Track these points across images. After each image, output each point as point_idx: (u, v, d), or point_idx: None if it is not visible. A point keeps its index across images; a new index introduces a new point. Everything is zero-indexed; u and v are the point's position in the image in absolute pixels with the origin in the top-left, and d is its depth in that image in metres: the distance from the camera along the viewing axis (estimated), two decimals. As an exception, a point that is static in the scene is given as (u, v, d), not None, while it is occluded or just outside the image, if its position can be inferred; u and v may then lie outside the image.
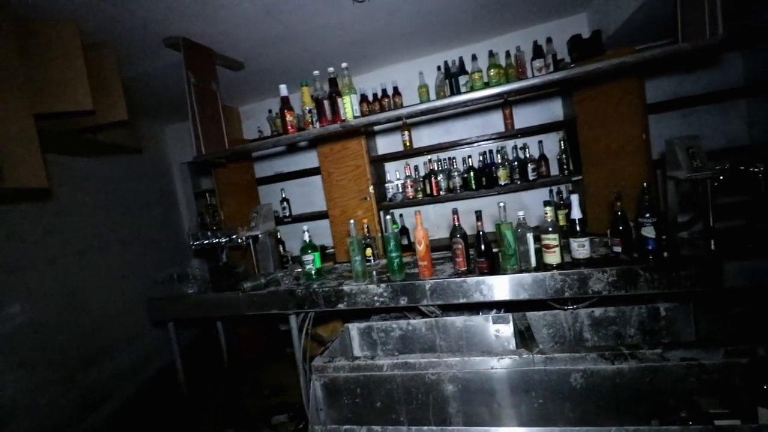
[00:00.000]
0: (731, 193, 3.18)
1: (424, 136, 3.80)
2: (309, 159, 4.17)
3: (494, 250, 1.94)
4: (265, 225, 2.66)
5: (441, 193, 3.45)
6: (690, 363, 1.43)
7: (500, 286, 1.83)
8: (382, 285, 1.99)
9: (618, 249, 1.87)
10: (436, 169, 3.53)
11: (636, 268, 1.69)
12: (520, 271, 1.84)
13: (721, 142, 3.26)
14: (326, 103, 2.15)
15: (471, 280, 1.87)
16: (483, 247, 1.89)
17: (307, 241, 2.35)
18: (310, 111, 2.21)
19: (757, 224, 1.77)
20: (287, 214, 4.10)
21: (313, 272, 2.33)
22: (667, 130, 3.25)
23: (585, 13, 3.34)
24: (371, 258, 2.42)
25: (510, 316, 2.05)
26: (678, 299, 1.90)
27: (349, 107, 2.08)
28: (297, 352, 2.22)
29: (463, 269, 1.98)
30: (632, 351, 1.50)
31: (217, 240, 2.69)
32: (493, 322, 2.10)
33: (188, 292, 2.56)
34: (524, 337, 1.78)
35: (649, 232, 1.73)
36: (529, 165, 3.24)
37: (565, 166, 3.22)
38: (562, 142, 3.25)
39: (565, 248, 1.88)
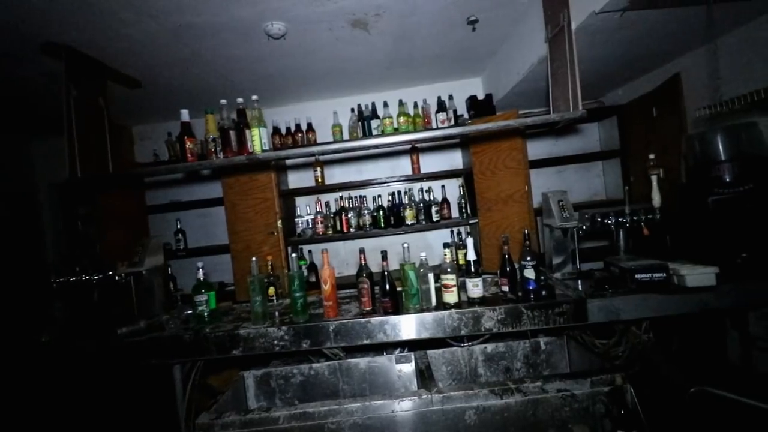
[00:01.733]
0: (592, 239, 3.78)
1: (336, 174, 3.85)
2: (211, 189, 3.90)
3: (398, 289, 1.99)
4: (152, 259, 2.36)
5: (351, 230, 3.47)
6: (564, 394, 1.59)
7: (403, 326, 1.86)
8: (284, 327, 1.88)
9: (506, 288, 2.05)
10: (347, 206, 3.56)
11: (520, 307, 1.86)
12: (422, 311, 1.90)
13: (585, 195, 3.89)
14: (233, 133, 2.06)
15: (375, 320, 1.87)
16: (387, 286, 1.92)
17: (201, 279, 2.14)
18: (214, 140, 2.09)
19: (611, 267, 2.11)
20: (182, 246, 3.72)
21: (206, 314, 2.11)
22: (545, 183, 3.79)
23: (480, 78, 3.82)
24: (274, 298, 2.29)
25: (412, 355, 2.08)
26: (554, 334, 2.13)
27: (257, 140, 2.02)
28: (180, 409, 1.95)
29: (368, 309, 1.97)
30: (517, 385, 1.62)
31: (87, 276, 2.30)
32: (396, 362, 2.10)
33: (41, 339, 2.11)
34: (424, 377, 1.82)
35: (529, 273, 1.94)
36: (433, 207, 3.46)
37: (464, 210, 3.52)
38: (461, 188, 3.57)
39: (462, 287, 2.01)
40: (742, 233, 1.96)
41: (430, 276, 1.95)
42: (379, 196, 3.57)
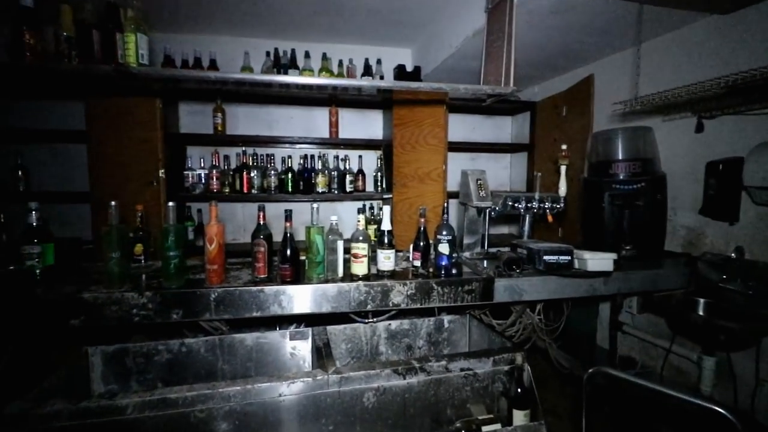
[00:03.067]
0: (498, 224, 3.96)
1: (240, 124, 3.35)
2: (70, 115, 3.05)
3: (302, 258, 1.73)
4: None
5: (253, 191, 3.05)
6: (467, 373, 1.53)
7: (303, 297, 1.62)
8: (148, 293, 1.48)
9: (417, 263, 1.94)
10: (250, 163, 3.12)
11: (431, 282, 1.76)
12: (326, 281, 1.68)
13: (492, 185, 4.03)
14: (96, 34, 1.53)
15: (270, 289, 1.59)
16: (289, 251, 1.65)
17: (34, 224, 1.60)
18: (68, 39, 1.53)
19: (518, 249, 2.14)
20: (21, 188, 2.87)
21: (37, 270, 1.59)
22: (458, 168, 3.81)
23: (410, 49, 3.65)
24: (141, 258, 1.84)
25: (309, 331, 1.85)
26: (457, 312, 2.10)
27: (132, 49, 1.53)
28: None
29: (262, 276, 1.68)
30: (422, 364, 1.50)
31: None
32: (290, 339, 1.85)
33: None
34: (322, 355, 1.60)
35: (444, 248, 1.84)
36: (347, 176, 3.23)
37: (379, 184, 3.35)
38: (379, 160, 3.39)
39: (372, 260, 1.83)
40: (631, 226, 2.15)
41: (340, 243, 1.72)
42: (290, 157, 3.20)
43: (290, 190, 3.12)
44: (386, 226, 1.86)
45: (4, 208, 2.82)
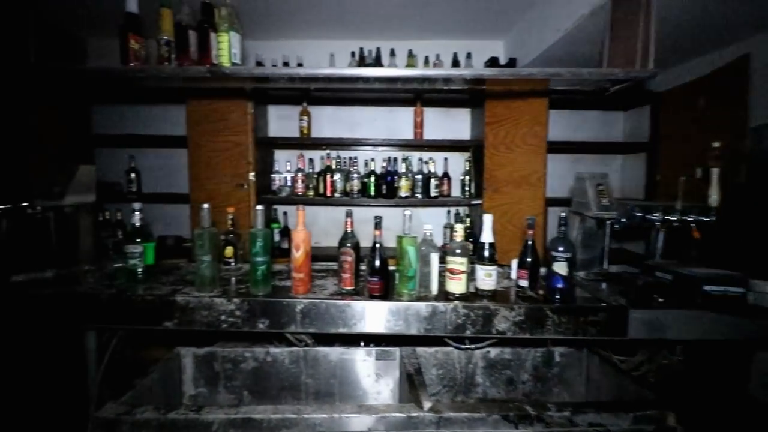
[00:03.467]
0: (620, 239, 3.40)
1: (324, 128, 3.32)
2: (174, 123, 3.27)
3: (391, 268, 1.55)
4: (80, 194, 1.84)
5: (336, 194, 2.99)
6: (597, 429, 1.21)
7: (392, 315, 1.43)
8: (236, 300, 1.42)
9: (524, 283, 1.64)
10: (333, 166, 3.07)
11: (545, 309, 1.46)
12: (419, 299, 1.48)
13: (597, 190, 3.51)
14: (192, 35, 1.52)
15: (357, 304, 1.43)
16: (378, 263, 1.48)
17: (137, 224, 1.64)
18: (168, 42, 1.55)
19: (656, 273, 1.72)
20: (134, 189, 3.15)
21: (138, 270, 1.62)
22: (557, 172, 3.38)
23: (503, 41, 3.33)
24: (232, 261, 1.81)
25: (397, 352, 1.67)
26: (571, 344, 1.76)
27: (225, 47, 1.49)
28: (92, 391, 1.48)
29: (348, 288, 1.53)
30: (539, 412, 1.23)
31: (-14, 205, 1.75)
32: (376, 358, 1.69)
33: None
34: (413, 383, 1.40)
35: (560, 268, 1.53)
36: (432, 180, 3.01)
37: (467, 188, 3.08)
38: (467, 162, 3.12)
39: (469, 276, 1.59)
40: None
41: (435, 257, 1.51)
42: (372, 159, 3.08)
43: (372, 194, 3.00)
44: (487, 237, 1.61)
45: (121, 208, 3.13)
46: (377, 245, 1.49)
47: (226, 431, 1.17)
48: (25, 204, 1.77)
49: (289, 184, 3.10)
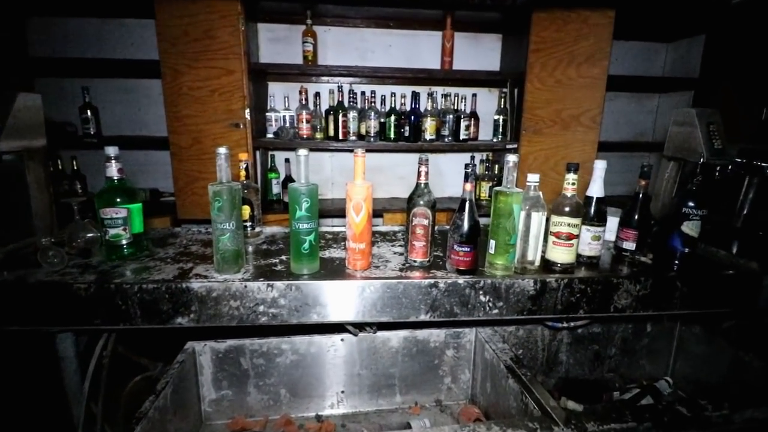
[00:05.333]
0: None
1: (329, 55, 2.73)
2: (138, 43, 2.58)
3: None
4: (23, 137, 1.28)
5: (350, 137, 2.50)
6: (752, 425, 0.96)
7: (489, 296, 1.08)
8: (279, 285, 1.01)
9: (629, 246, 1.33)
10: (346, 104, 2.54)
11: (674, 280, 1.15)
12: (522, 272, 1.13)
13: (630, 133, 3.20)
14: None
15: (445, 282, 1.06)
16: (468, 226, 1.09)
17: (115, 178, 1.16)
18: None
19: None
20: (92, 131, 2.51)
21: (124, 243, 1.16)
22: (612, 114, 3.01)
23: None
24: (249, 224, 1.37)
25: (472, 334, 1.34)
26: (676, 317, 1.50)
27: None
28: (76, 413, 1.08)
29: (422, 260, 1.15)
30: (696, 412, 0.95)
31: None
32: (446, 342, 1.36)
33: None
34: (514, 372, 1.09)
35: (692, 229, 1.20)
36: (462, 121, 2.57)
37: (500, 130, 2.66)
38: (502, 100, 2.67)
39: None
40: None
41: (541, 218, 1.14)
42: (393, 94, 2.57)
43: (392, 136, 2.53)
44: (596, 191, 1.25)
45: (76, 155, 2.50)
46: (468, 201, 1.09)
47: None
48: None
49: (290, 124, 2.56)
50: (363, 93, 2.58)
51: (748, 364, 1.26)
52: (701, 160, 1.45)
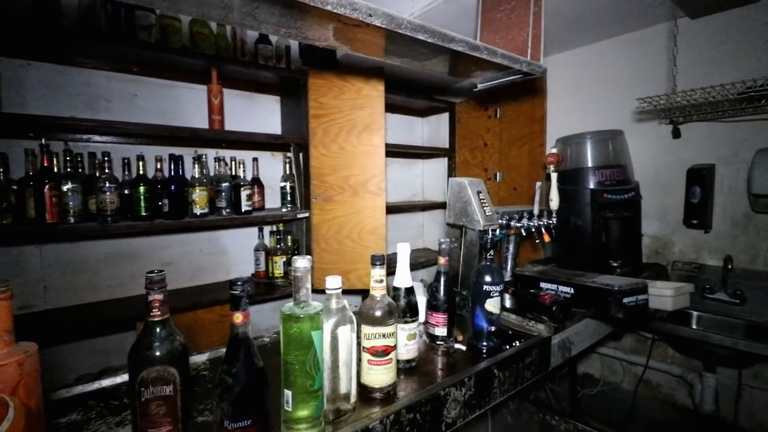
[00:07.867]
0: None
1: (31, 101, 1.86)
2: None
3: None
4: None
5: (69, 219, 1.68)
6: None
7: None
8: None
9: (440, 332, 1.19)
10: (58, 169, 1.72)
11: (492, 368, 1.06)
12: (336, 418, 0.79)
13: (406, 194, 3.51)
14: None
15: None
16: (245, 380, 0.68)
17: None
18: None
19: (558, 293, 1.61)
20: None
21: None
22: (390, 178, 3.14)
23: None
24: None
25: None
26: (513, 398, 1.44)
27: None
28: None
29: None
30: None
31: None
32: None
33: None
34: None
35: (494, 306, 1.15)
36: (243, 190, 2.16)
37: (288, 198, 2.38)
38: (288, 165, 2.41)
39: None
40: (618, 239, 1.90)
41: (351, 336, 0.83)
42: (141, 157, 1.92)
43: (143, 212, 1.87)
44: (404, 280, 1.07)
45: None
46: (242, 337, 0.68)
47: None
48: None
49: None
50: (92, 155, 1.84)
51: (556, 427, 1.27)
52: (480, 228, 1.51)
